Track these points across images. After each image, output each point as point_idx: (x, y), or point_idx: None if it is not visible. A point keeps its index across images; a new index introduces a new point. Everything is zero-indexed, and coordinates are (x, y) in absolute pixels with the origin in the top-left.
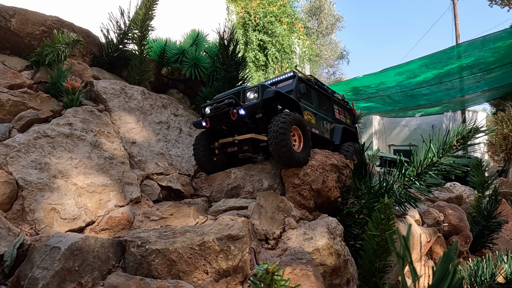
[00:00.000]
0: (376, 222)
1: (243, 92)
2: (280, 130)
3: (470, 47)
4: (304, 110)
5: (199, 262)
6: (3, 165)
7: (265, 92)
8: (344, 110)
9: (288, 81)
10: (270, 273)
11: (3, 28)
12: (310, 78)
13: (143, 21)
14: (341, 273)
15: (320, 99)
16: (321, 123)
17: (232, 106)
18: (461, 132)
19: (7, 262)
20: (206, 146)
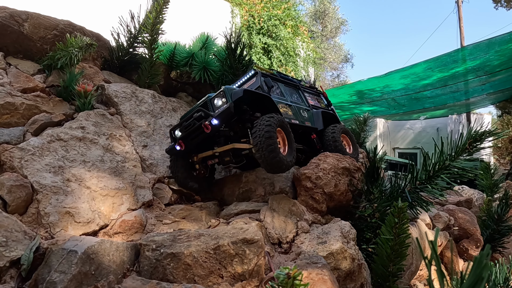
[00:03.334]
0: (390, 226)
1: (210, 101)
2: (266, 134)
3: (475, 50)
4: (278, 103)
5: (214, 266)
6: (18, 169)
7: (233, 94)
8: (316, 96)
9: (252, 80)
10: (291, 278)
11: (16, 32)
12: (272, 72)
13: (153, 24)
14: (355, 277)
15: (289, 90)
16: (298, 112)
17: (203, 119)
18: (473, 135)
19: (24, 265)
20: (184, 164)
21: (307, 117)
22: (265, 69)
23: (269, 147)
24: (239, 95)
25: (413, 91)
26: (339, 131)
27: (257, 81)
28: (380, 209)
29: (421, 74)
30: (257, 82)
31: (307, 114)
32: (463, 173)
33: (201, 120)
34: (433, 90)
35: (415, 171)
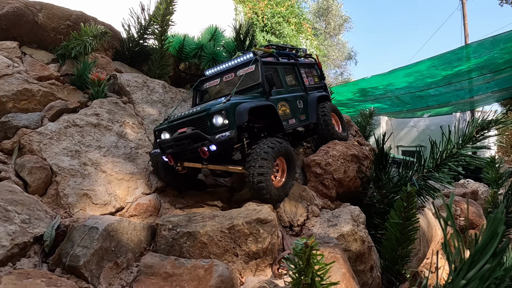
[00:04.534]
0: (399, 210)
1: (209, 117)
2: (260, 164)
3: (480, 48)
4: (278, 103)
5: (229, 245)
6: (37, 152)
7: (237, 117)
8: (310, 68)
9: (249, 68)
10: (309, 247)
11: (30, 22)
12: (272, 52)
13: (163, 15)
14: (365, 259)
15: (287, 74)
16: (295, 107)
17: (199, 141)
18: (480, 123)
19: (47, 241)
20: (166, 168)
21: (303, 108)
22: (264, 49)
23: (260, 179)
24: (244, 120)
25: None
26: (329, 111)
27: (255, 70)
28: (388, 195)
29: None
30: (256, 72)
31: (302, 104)
32: (470, 161)
33: (196, 141)
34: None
35: (423, 159)
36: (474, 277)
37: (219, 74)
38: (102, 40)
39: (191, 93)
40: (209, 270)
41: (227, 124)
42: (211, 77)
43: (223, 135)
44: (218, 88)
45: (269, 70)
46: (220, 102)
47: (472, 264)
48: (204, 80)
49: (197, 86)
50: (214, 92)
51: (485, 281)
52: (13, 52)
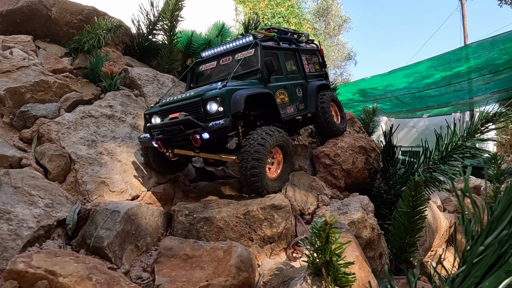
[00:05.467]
0: (407, 199)
1: (203, 103)
2: (255, 155)
3: (479, 48)
4: (276, 90)
5: (244, 229)
6: (55, 140)
7: (233, 104)
8: (312, 55)
9: (247, 51)
10: (328, 225)
11: (44, 17)
12: (273, 36)
13: (172, 11)
14: (375, 246)
15: (288, 60)
16: (294, 95)
17: (192, 128)
18: (485, 116)
19: (70, 225)
20: (156, 154)
21: (302, 96)
22: (265, 33)
23: (253, 171)
24: (240, 108)
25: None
26: (328, 101)
27: (255, 54)
28: (395, 186)
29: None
30: (255, 56)
31: (301, 92)
32: (475, 153)
33: (188, 128)
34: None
35: (428, 152)
36: (492, 243)
37: (216, 56)
38: (116, 33)
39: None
40: (228, 251)
41: (222, 112)
42: (208, 59)
43: (217, 123)
44: (214, 71)
45: (269, 56)
46: (216, 87)
47: (490, 231)
48: (200, 62)
49: (192, 68)
50: (210, 75)
51: (502, 246)
52: (27, 45)
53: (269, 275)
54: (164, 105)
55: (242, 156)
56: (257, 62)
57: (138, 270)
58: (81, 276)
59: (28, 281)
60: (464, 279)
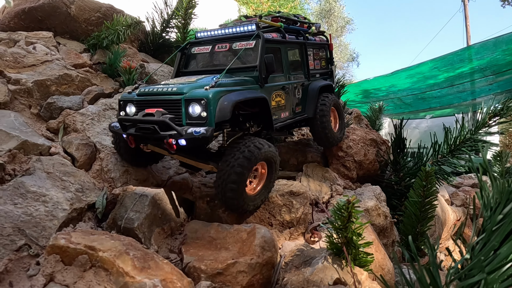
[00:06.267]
0: (418, 190)
1: (185, 103)
2: (235, 170)
3: (482, 49)
4: (273, 92)
5: (264, 215)
6: (80, 131)
7: (218, 111)
8: (320, 49)
9: (248, 42)
10: (351, 203)
11: (64, 14)
12: (279, 25)
13: (186, 9)
14: (388, 233)
15: (291, 55)
16: (292, 96)
17: (167, 130)
18: (493, 110)
19: (99, 209)
20: (128, 149)
21: (300, 98)
22: (270, 23)
23: (232, 186)
24: (226, 117)
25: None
26: (328, 108)
27: (255, 47)
28: (405, 178)
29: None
30: (254, 50)
31: (301, 93)
32: (483, 146)
33: (163, 130)
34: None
35: (437, 145)
36: (510, 212)
37: (212, 40)
38: (136, 29)
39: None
40: (252, 233)
41: (205, 117)
42: (202, 42)
43: (197, 132)
44: (208, 57)
45: (271, 51)
46: (204, 84)
47: (508, 201)
48: (194, 43)
49: (184, 48)
50: (202, 61)
51: None
52: (49, 41)
53: (291, 256)
54: (142, 94)
55: (222, 166)
56: (256, 58)
57: (165, 251)
58: (119, 251)
59: (69, 255)
60: (483, 246)
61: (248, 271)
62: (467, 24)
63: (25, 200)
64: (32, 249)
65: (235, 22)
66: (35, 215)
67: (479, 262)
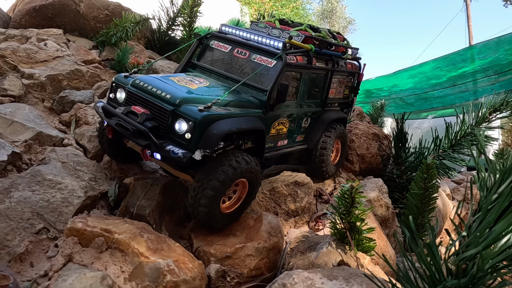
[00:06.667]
0: (419, 182)
1: (173, 115)
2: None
3: (484, 49)
4: (276, 120)
5: (269, 204)
6: (92, 124)
7: (204, 139)
8: (347, 77)
9: (268, 59)
10: (354, 188)
11: (73, 11)
12: (310, 48)
13: (192, 7)
14: (390, 224)
15: (312, 82)
16: (297, 125)
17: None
18: (494, 104)
19: (111, 197)
20: (112, 142)
21: (307, 127)
22: (301, 44)
23: (205, 201)
24: (211, 148)
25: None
26: (334, 136)
27: (273, 68)
28: (407, 172)
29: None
30: (272, 72)
31: (309, 122)
32: (485, 140)
33: (141, 136)
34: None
35: (438, 140)
36: (504, 191)
37: (234, 41)
38: (144, 26)
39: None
40: (259, 219)
41: (189, 140)
42: (223, 39)
43: (175, 152)
44: (223, 57)
45: (288, 79)
46: (203, 98)
47: (502, 181)
48: (215, 36)
49: (203, 38)
50: (217, 60)
51: None
52: (59, 38)
53: (296, 242)
54: (135, 86)
55: (199, 177)
56: (270, 81)
57: (175, 237)
58: (134, 233)
59: (86, 238)
60: (480, 224)
61: (256, 255)
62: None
63: (42, 187)
64: (51, 232)
65: (267, 24)
66: (52, 201)
67: (475, 238)
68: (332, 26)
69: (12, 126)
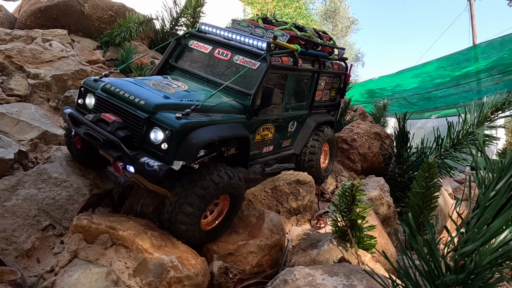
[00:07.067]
0: (420, 180)
1: (147, 124)
2: (187, 208)
3: (488, 48)
4: (261, 125)
5: (271, 202)
6: None
7: (182, 149)
8: (334, 78)
9: (251, 60)
10: (355, 186)
11: (77, 12)
12: (295, 49)
13: (195, 7)
14: (391, 222)
15: (298, 84)
16: (283, 130)
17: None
18: (495, 104)
19: (116, 195)
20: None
21: (293, 132)
22: (285, 44)
23: (182, 218)
24: (189, 159)
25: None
26: (322, 140)
27: (257, 70)
28: (409, 171)
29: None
30: (256, 74)
31: (295, 126)
32: (486, 139)
33: (113, 147)
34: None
35: (440, 139)
36: (501, 188)
37: (214, 41)
38: (147, 26)
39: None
40: (261, 217)
41: (165, 151)
42: (203, 38)
43: (150, 164)
44: (203, 59)
45: (273, 82)
46: (181, 104)
47: (500, 179)
48: (194, 35)
49: (181, 38)
50: (196, 60)
51: (511, 190)
52: (64, 38)
53: (298, 240)
54: (106, 91)
55: (177, 191)
56: (254, 84)
57: None
58: (138, 230)
59: (91, 234)
60: (477, 220)
61: (258, 252)
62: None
63: (47, 185)
64: (57, 229)
65: (250, 22)
66: (57, 199)
67: (473, 234)
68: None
69: (19, 125)
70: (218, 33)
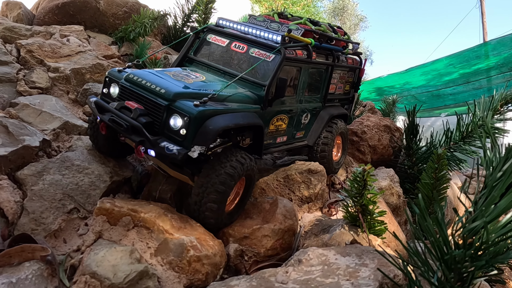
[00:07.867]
0: (430, 172)
1: (167, 111)
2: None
3: (499, 45)
4: (275, 116)
5: (284, 191)
6: None
7: (200, 135)
8: (348, 72)
9: (266, 53)
10: (367, 171)
11: (93, 8)
12: (309, 42)
13: (206, 3)
14: (401, 212)
15: (312, 77)
16: (297, 121)
17: (140, 136)
18: (505, 97)
19: (134, 183)
20: (105, 138)
21: (306, 123)
22: (300, 38)
23: (212, 205)
24: (207, 144)
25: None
26: (335, 132)
27: (272, 62)
28: (418, 163)
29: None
30: (270, 66)
31: (309, 118)
32: (495, 132)
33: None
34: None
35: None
36: (508, 168)
37: (231, 35)
38: (162, 22)
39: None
40: (274, 203)
41: (184, 136)
42: (221, 32)
43: (169, 149)
44: (221, 52)
45: (289, 72)
46: (199, 92)
47: (507, 160)
48: (213, 30)
49: (200, 32)
50: (213, 54)
51: None
52: (80, 34)
53: (310, 225)
54: (129, 81)
55: (202, 181)
56: (269, 75)
57: None
58: (159, 213)
59: (114, 216)
60: (485, 200)
61: (272, 235)
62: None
63: (71, 171)
64: (81, 212)
65: (266, 17)
66: (80, 185)
67: (481, 213)
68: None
69: (41, 116)
70: (235, 27)
